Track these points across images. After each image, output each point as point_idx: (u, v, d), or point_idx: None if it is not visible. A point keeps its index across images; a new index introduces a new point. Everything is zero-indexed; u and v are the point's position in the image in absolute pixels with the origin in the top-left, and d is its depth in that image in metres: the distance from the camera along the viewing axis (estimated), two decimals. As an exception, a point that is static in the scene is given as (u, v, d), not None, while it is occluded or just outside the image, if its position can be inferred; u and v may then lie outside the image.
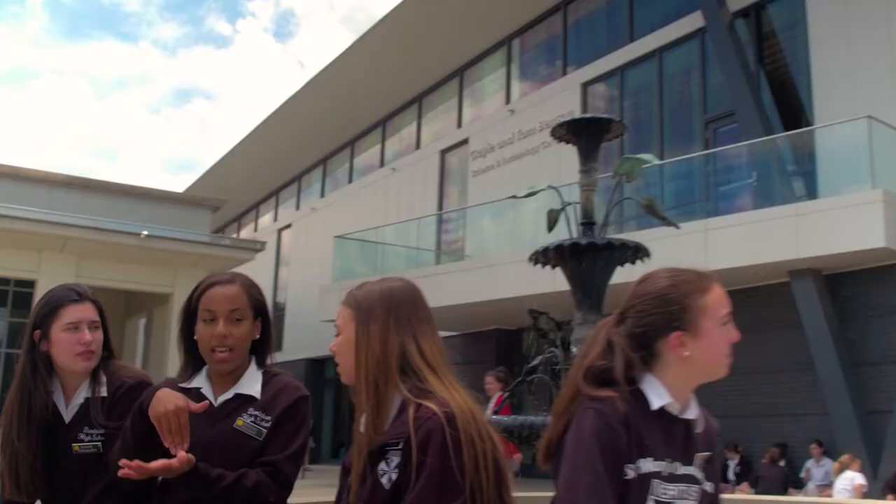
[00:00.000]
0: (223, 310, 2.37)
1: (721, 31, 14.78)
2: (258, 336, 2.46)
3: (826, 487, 10.97)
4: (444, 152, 22.37)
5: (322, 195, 28.50)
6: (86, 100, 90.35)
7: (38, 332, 2.53)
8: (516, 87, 20.81)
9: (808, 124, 13.69)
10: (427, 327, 2.09)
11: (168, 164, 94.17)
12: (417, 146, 23.88)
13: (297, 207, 30.00)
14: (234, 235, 33.94)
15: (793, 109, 14.34)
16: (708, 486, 1.95)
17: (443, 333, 17.37)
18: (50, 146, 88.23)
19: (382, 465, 1.93)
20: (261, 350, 2.49)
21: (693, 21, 15.70)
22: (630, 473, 1.83)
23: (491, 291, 15.28)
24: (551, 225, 5.32)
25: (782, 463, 12.40)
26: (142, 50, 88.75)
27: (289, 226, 29.59)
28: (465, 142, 21.59)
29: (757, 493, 10.86)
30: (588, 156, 5.51)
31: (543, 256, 5.09)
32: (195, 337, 2.41)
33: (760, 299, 13.10)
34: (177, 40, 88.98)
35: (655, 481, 1.86)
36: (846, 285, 12.36)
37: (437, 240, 20.11)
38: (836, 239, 11.49)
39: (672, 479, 1.88)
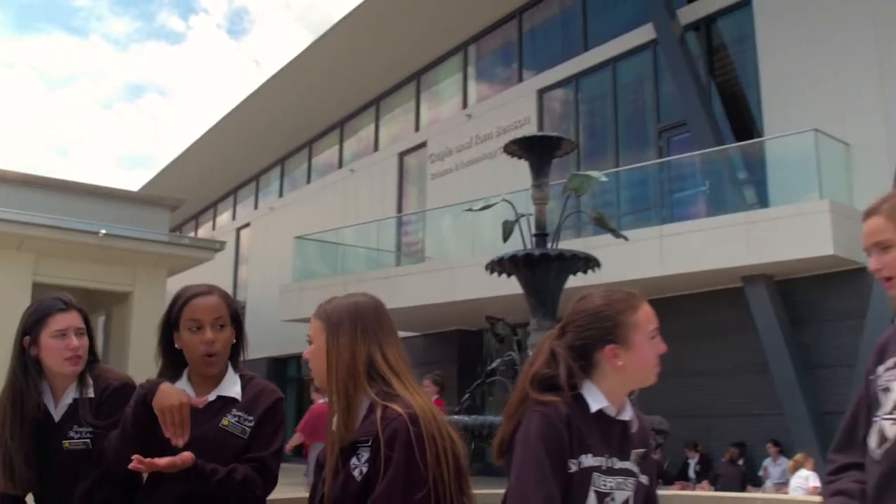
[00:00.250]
0: (208, 318, 2.57)
1: (672, 43, 15.00)
2: (234, 341, 2.67)
3: (783, 485, 11.24)
4: (402, 154, 22.31)
5: (280, 195, 28.27)
6: (37, 93, 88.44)
7: (27, 338, 2.69)
8: (473, 91, 20.84)
9: (759, 135, 13.96)
10: (390, 337, 2.33)
11: (121, 160, 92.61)
12: (376, 148, 23.78)
13: (256, 207, 29.70)
14: (192, 234, 33.58)
15: (743, 120, 14.62)
16: (643, 479, 2.17)
17: (404, 334, 17.46)
18: (1, 140, 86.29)
19: (354, 460, 2.15)
20: (234, 354, 2.70)
21: (645, 33, 15.88)
22: (573, 468, 2.05)
23: (452, 293, 15.36)
24: (506, 235, 5.62)
25: (741, 462, 12.66)
26: (92, 44, 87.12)
27: (247, 225, 29.30)
28: (423, 145, 21.56)
29: (716, 490, 11.08)
30: (540, 171, 5.82)
31: (499, 265, 5.42)
32: (177, 345, 2.60)
33: (715, 303, 13.40)
34: (128, 35, 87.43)
35: (595, 474, 2.08)
36: (798, 291, 12.67)
37: (398, 241, 20.12)
38: (786, 246, 11.78)
39: (610, 472, 2.10)
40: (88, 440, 2.67)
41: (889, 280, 2.20)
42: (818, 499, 7.25)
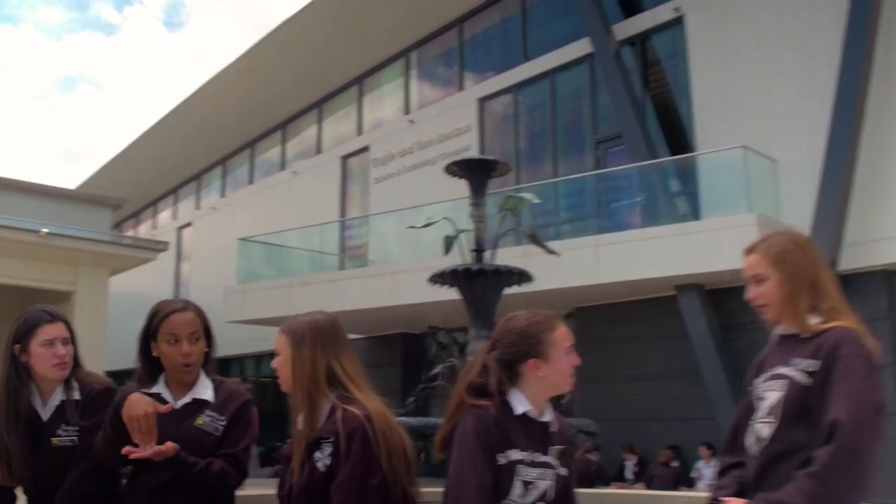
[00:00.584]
0: (185, 332, 2.88)
1: (608, 58, 15.11)
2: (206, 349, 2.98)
3: (715, 486, 11.51)
4: (345, 158, 22.16)
5: (223, 195, 27.86)
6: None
7: (17, 346, 2.98)
8: (415, 97, 20.78)
9: (692, 149, 14.24)
10: (346, 350, 2.70)
11: (56, 152, 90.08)
12: (318, 151, 23.56)
13: (198, 206, 29.20)
14: (132, 232, 32.97)
15: (677, 134, 14.88)
16: (562, 471, 2.54)
17: (349, 336, 17.40)
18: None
19: (318, 454, 2.51)
20: (206, 361, 3.00)
21: (583, 46, 16.01)
22: (501, 460, 2.43)
23: (395, 298, 15.35)
24: (447, 249, 5.84)
25: (675, 463, 12.93)
26: (24, 33, 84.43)
27: (189, 224, 28.84)
28: (365, 149, 21.43)
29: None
30: (477, 191, 6.08)
31: (441, 278, 5.67)
32: (154, 353, 2.90)
33: (650, 311, 13.65)
34: (61, 25, 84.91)
35: (520, 466, 2.45)
36: (728, 300, 12.95)
37: (341, 245, 20.06)
38: (716, 257, 12.05)
39: (533, 464, 2.47)
40: (75, 437, 2.98)
41: (763, 307, 2.64)
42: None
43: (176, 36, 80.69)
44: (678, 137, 14.82)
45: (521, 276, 5.41)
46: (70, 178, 71.97)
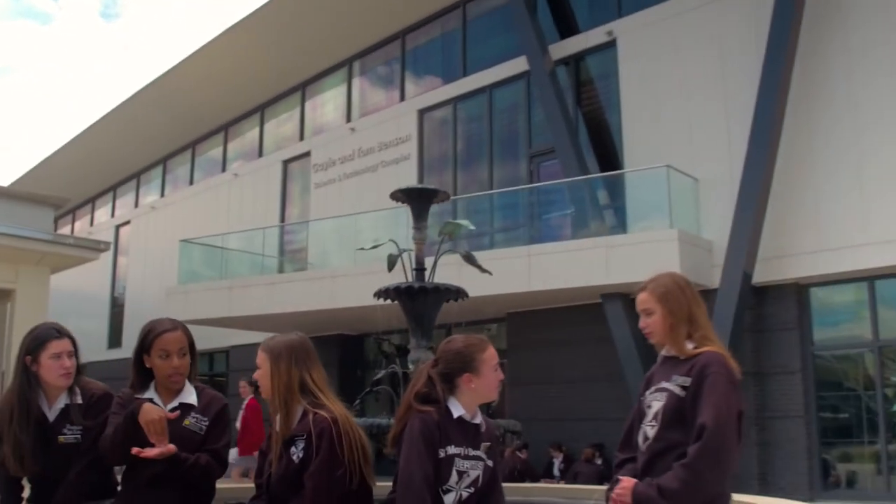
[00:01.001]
0: (175, 348, 3.33)
1: (543, 76, 15.56)
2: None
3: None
4: (286, 162, 22.21)
5: (162, 194, 27.63)
6: None
7: (29, 357, 3.43)
8: (357, 106, 20.98)
9: (621, 165, 14.79)
10: (315, 364, 3.18)
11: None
12: (260, 154, 23.56)
13: (136, 205, 28.93)
14: (69, 228, 32.53)
15: (606, 150, 15.41)
16: (489, 462, 3.11)
17: (287, 339, 17.45)
18: None
19: (293, 449, 3.02)
20: (189, 371, 3.42)
21: (519, 64, 16.44)
22: (441, 454, 2.99)
23: (333, 301, 15.61)
24: (390, 266, 6.27)
25: (599, 461, 13.47)
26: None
27: (127, 223, 28.54)
28: (307, 154, 21.52)
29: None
30: (419, 216, 6.51)
31: (385, 294, 6.09)
32: (147, 365, 3.36)
33: (577, 317, 14.18)
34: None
35: (456, 458, 3.01)
36: (650, 308, 13.59)
37: (280, 248, 20.19)
38: (640, 268, 12.51)
39: (466, 457, 3.04)
40: (79, 435, 3.45)
41: (650, 334, 3.20)
42: (596, 488, 7.97)
43: (111, 26, 79.24)
44: (608, 154, 15.38)
45: (458, 293, 5.84)
46: (1, 170, 70.19)
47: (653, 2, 15.10)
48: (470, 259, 6.13)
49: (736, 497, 5.97)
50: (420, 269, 6.12)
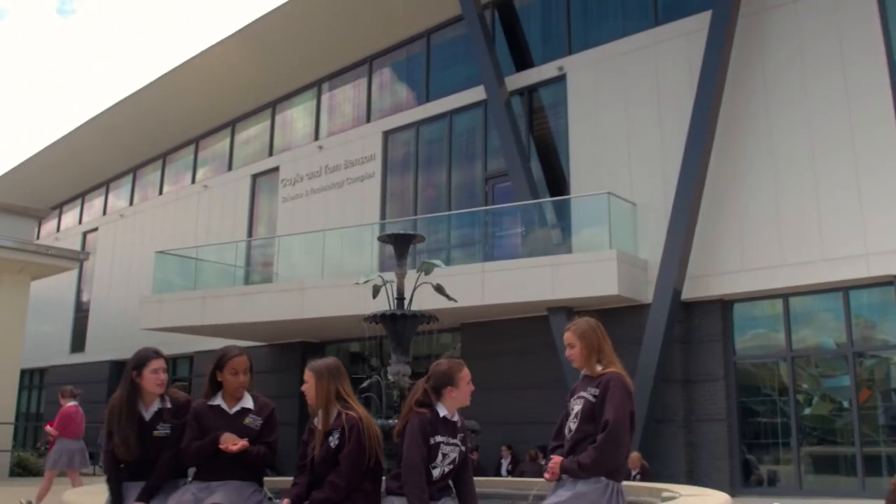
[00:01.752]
0: (241, 369, 4.63)
1: (499, 105, 16.90)
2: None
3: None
4: (255, 176, 23.30)
5: (131, 203, 28.46)
6: None
7: (134, 372, 4.62)
8: (325, 125, 22.13)
9: (569, 190, 16.23)
10: (345, 379, 4.50)
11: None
12: (230, 167, 24.57)
13: (105, 212, 29.67)
14: (35, 231, 33.07)
15: (556, 175, 16.84)
16: (462, 448, 4.44)
17: (252, 344, 18.86)
18: None
19: (330, 438, 4.31)
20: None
21: (478, 92, 17.82)
22: (432, 441, 4.29)
23: (301, 311, 16.74)
24: (375, 294, 7.56)
25: (543, 462, 14.80)
26: None
27: (95, 229, 29.30)
28: (275, 169, 22.61)
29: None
30: (400, 255, 7.82)
31: (373, 319, 7.39)
32: (218, 379, 4.63)
33: (525, 328, 15.56)
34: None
35: (442, 444, 4.32)
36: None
37: (247, 259, 21.30)
38: (583, 285, 14.07)
39: (448, 444, 4.35)
40: (168, 431, 4.64)
41: (573, 361, 4.46)
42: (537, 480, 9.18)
43: (67, 21, 79.15)
44: (556, 178, 16.84)
45: (429, 319, 7.19)
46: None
47: (599, 42, 16.63)
48: (440, 290, 7.45)
49: (660, 485, 7.37)
50: (401, 298, 7.42)
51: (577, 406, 4.33)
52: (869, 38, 13.47)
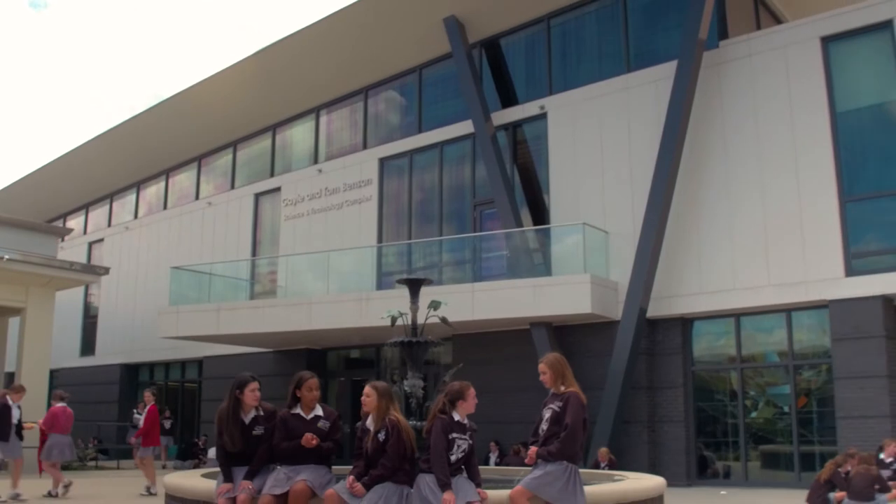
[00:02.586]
0: (314, 386, 6.57)
1: (486, 139, 18.86)
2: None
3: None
4: (258, 195, 25.02)
5: (136, 216, 30.12)
6: None
7: (238, 391, 6.49)
8: (323, 150, 23.90)
9: (547, 219, 18.27)
10: (393, 396, 6.41)
11: None
12: (232, 186, 26.24)
13: (109, 224, 31.33)
14: (57, 247, 34.55)
15: (538, 204, 18.83)
16: (470, 442, 6.18)
17: (259, 350, 21.01)
18: None
19: (380, 435, 6.13)
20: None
21: (467, 126, 19.70)
22: (450, 437, 6.06)
23: (308, 323, 18.62)
24: (393, 323, 9.43)
25: (524, 453, 16.80)
26: None
27: (101, 240, 30.97)
28: (277, 189, 24.32)
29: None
30: (414, 294, 9.66)
31: (394, 344, 9.23)
32: (297, 394, 6.49)
33: (511, 340, 17.57)
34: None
35: (457, 439, 6.08)
36: (568, 334, 17.07)
37: (252, 273, 23.19)
38: (560, 303, 16.10)
39: (460, 438, 6.10)
40: (262, 431, 6.49)
41: (545, 382, 6.33)
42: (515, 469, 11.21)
43: (40, 14, 79.89)
44: (538, 207, 18.84)
45: (437, 344, 9.12)
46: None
47: (577, 84, 18.66)
48: (444, 321, 9.41)
49: (615, 472, 9.37)
50: (415, 328, 9.38)
51: (547, 413, 6.28)
52: (815, 89, 15.54)
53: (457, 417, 6.20)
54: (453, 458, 6.05)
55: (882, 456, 12.11)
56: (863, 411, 14.07)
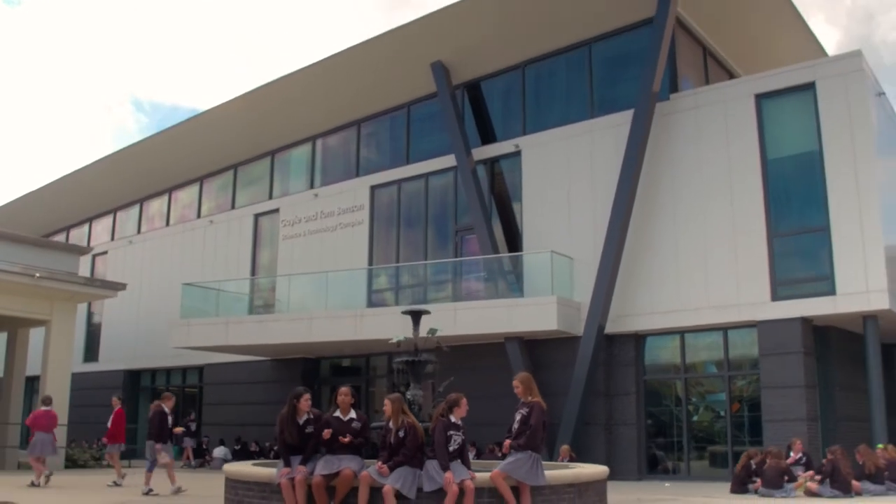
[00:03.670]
0: (347, 393, 9.13)
1: (467, 172, 21.31)
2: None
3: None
4: (257, 216, 27.26)
5: (139, 231, 32.14)
6: None
7: (294, 399, 8.97)
8: (319, 176, 26.18)
9: (521, 246, 20.76)
10: (405, 404, 8.91)
11: None
12: (233, 206, 28.41)
13: (112, 237, 33.36)
14: (78, 264, 36.36)
15: (512, 231, 21.31)
16: (463, 437, 8.65)
17: (259, 359, 23.75)
18: None
19: (400, 433, 8.59)
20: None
21: (450, 160, 22.12)
22: (448, 434, 8.50)
23: (308, 335, 20.97)
24: (398, 344, 11.73)
25: (500, 454, 19.23)
26: None
27: (105, 253, 32.88)
28: (276, 210, 26.55)
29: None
30: (416, 322, 11.97)
31: (400, 363, 11.53)
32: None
33: (488, 352, 19.96)
34: None
35: (454, 435, 8.53)
36: (538, 347, 19.53)
37: (251, 289, 25.47)
38: (531, 321, 18.56)
39: (456, 435, 8.53)
40: (313, 428, 8.92)
41: (517, 395, 8.98)
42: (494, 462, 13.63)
43: (14, 10, 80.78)
44: (512, 234, 21.31)
45: (433, 363, 11.49)
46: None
47: (548, 126, 21.14)
48: (440, 345, 11.76)
49: (570, 464, 11.84)
50: (416, 349, 11.73)
51: (518, 416, 8.74)
52: (749, 138, 18.15)
53: (453, 419, 8.51)
54: (451, 448, 8.38)
55: (791, 453, 14.79)
56: (785, 415, 16.66)
